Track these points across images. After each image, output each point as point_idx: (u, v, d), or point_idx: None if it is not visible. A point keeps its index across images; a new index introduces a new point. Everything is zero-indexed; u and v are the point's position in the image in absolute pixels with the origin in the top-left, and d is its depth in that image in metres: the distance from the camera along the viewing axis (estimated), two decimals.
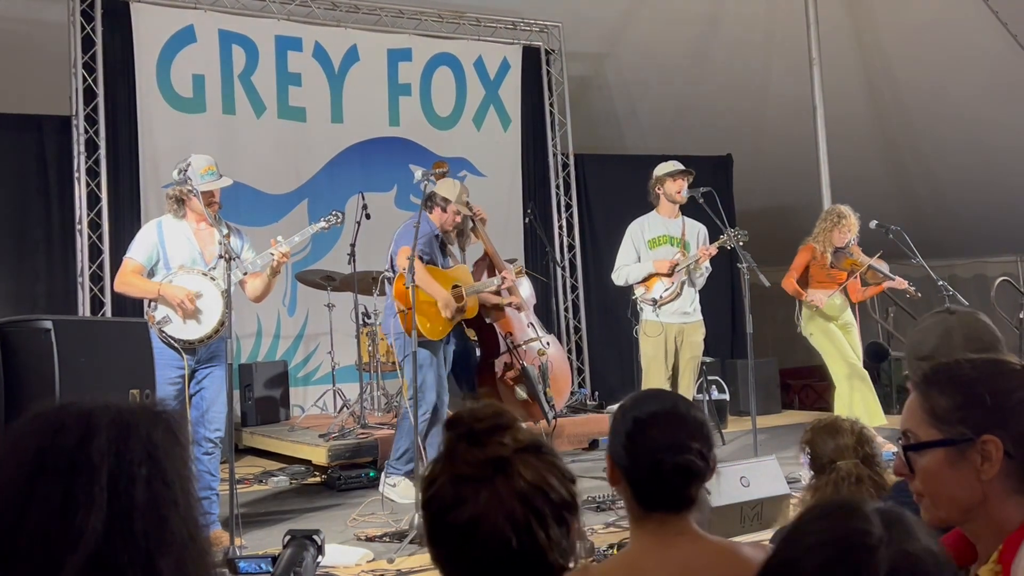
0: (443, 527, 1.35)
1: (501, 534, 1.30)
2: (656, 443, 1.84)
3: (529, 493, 1.32)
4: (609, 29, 10.14)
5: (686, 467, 1.81)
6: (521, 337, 6.64)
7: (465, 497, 1.32)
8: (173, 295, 4.66)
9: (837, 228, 6.67)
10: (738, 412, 8.77)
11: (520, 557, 1.30)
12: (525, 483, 1.32)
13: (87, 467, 0.95)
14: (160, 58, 8.12)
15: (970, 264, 12.31)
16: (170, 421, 1.04)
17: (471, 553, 1.32)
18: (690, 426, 1.86)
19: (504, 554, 1.30)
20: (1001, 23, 9.49)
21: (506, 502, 1.31)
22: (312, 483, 6.62)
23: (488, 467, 1.33)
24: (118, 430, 0.99)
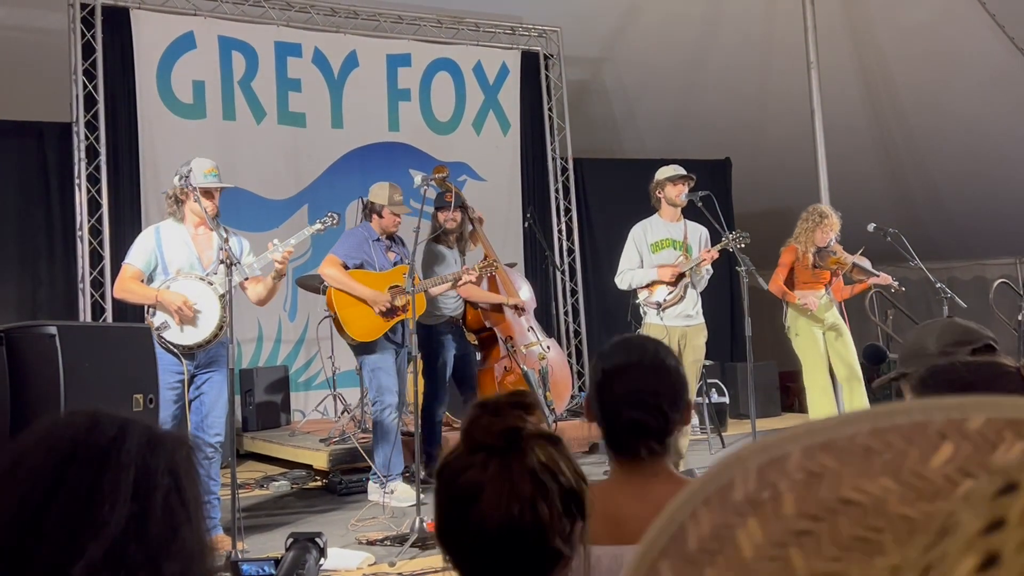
0: (450, 493, 1.36)
1: (505, 505, 1.30)
2: (616, 396, 1.90)
3: (539, 472, 1.32)
4: (607, 34, 10.17)
5: (638, 423, 1.85)
6: (521, 341, 6.66)
7: (474, 463, 1.33)
8: (170, 301, 4.68)
9: (820, 227, 6.71)
10: (738, 415, 8.79)
11: (521, 534, 1.31)
12: (537, 462, 1.33)
13: (116, 464, 1.00)
14: (160, 65, 8.14)
15: (969, 266, 12.33)
16: (192, 449, 1.11)
17: (472, 520, 1.32)
18: (654, 381, 1.90)
19: (505, 526, 1.30)
20: (998, 25, 9.52)
21: (515, 475, 1.32)
22: (313, 487, 6.63)
23: (502, 438, 1.33)
24: (147, 440, 1.04)
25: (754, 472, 0.38)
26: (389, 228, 5.97)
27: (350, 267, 5.83)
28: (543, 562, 1.33)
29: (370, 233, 5.97)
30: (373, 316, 5.72)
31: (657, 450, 1.88)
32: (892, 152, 11.14)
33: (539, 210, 9.51)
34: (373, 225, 5.98)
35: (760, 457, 0.39)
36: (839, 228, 6.79)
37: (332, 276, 5.81)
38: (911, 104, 10.51)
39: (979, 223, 11.33)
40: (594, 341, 9.97)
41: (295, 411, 8.41)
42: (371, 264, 5.88)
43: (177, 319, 4.69)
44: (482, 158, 9.53)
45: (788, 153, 10.35)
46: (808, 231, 6.74)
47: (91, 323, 7.21)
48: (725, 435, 7.90)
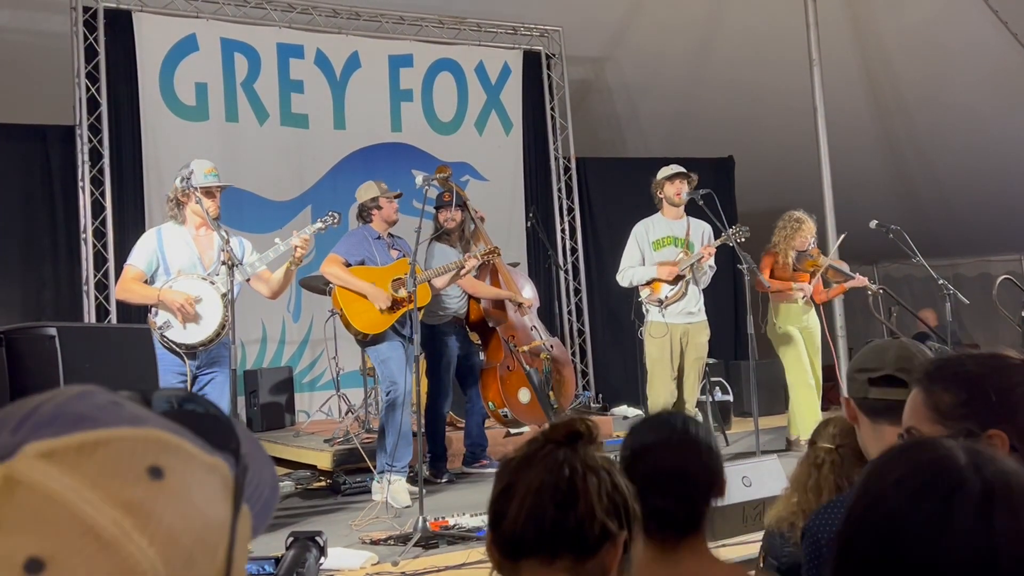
0: (505, 467, 1.48)
1: (556, 471, 1.41)
2: (642, 478, 1.81)
3: (592, 465, 1.44)
4: (609, 33, 10.17)
5: (662, 512, 1.81)
6: (524, 340, 6.66)
7: (531, 444, 1.48)
8: (172, 300, 4.69)
9: (798, 234, 6.91)
10: (742, 413, 8.78)
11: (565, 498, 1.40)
12: (591, 459, 1.44)
13: None
14: (163, 67, 8.16)
15: (974, 263, 12.32)
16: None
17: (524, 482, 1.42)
18: (681, 461, 1.86)
19: (549, 492, 1.40)
20: (1001, 21, 9.51)
21: (559, 462, 1.43)
22: (317, 487, 6.64)
23: (563, 437, 1.46)
24: None
25: None
26: (391, 216, 5.98)
27: (352, 264, 5.85)
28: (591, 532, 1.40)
29: (370, 232, 5.99)
30: (376, 309, 5.75)
31: (687, 533, 1.84)
32: (896, 149, 11.13)
33: (542, 210, 9.52)
34: (373, 225, 5.99)
35: None
36: (815, 232, 7.00)
37: (333, 273, 5.84)
38: (914, 100, 10.50)
39: (984, 219, 11.31)
40: (598, 340, 9.97)
41: (299, 412, 8.42)
42: (373, 261, 5.90)
43: (179, 318, 4.71)
44: (485, 158, 9.54)
45: (791, 151, 10.34)
46: (787, 239, 6.93)
47: (91, 324, 7.24)
48: (729, 433, 7.90)
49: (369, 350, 6.03)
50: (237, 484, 0.59)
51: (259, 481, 0.68)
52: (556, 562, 1.40)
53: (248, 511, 0.61)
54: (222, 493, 0.57)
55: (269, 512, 0.70)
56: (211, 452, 0.58)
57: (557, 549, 1.40)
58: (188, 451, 0.55)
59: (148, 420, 0.56)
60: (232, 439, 0.61)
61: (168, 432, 0.55)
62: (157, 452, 0.53)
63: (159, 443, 0.54)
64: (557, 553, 1.40)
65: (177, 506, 0.53)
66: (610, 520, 1.41)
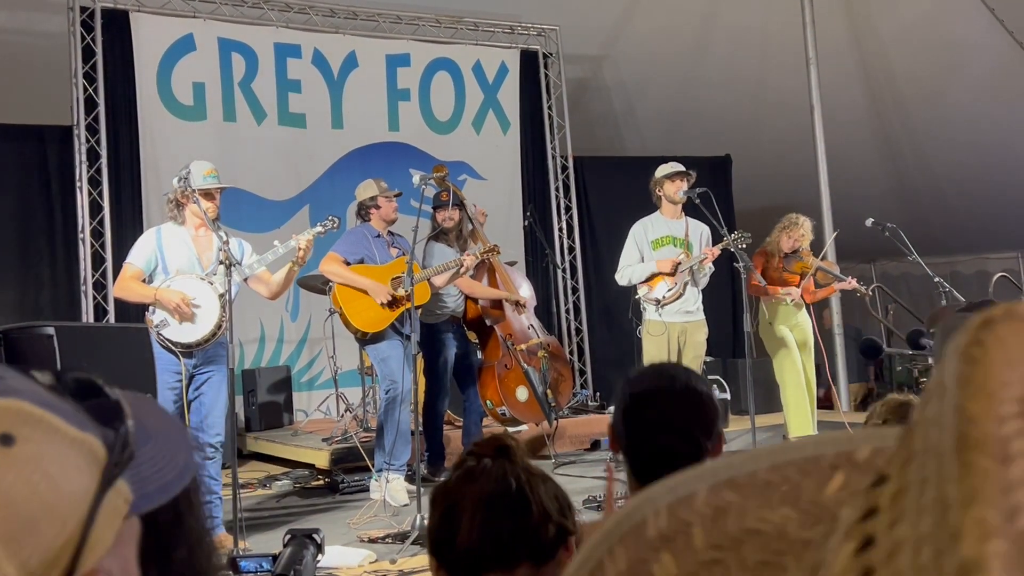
0: (441, 491, 1.48)
1: (503, 481, 1.41)
2: (646, 422, 1.86)
3: (535, 471, 1.45)
4: (606, 32, 10.18)
5: (670, 450, 1.81)
6: (522, 339, 6.68)
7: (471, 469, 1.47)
8: (169, 299, 4.71)
9: (785, 232, 7.02)
10: (739, 411, 8.79)
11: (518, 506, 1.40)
12: (532, 466, 1.47)
13: None
14: (160, 67, 8.17)
15: (972, 260, 12.33)
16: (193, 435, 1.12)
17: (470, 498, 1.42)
18: (686, 407, 1.86)
19: (501, 502, 1.40)
20: (997, 19, 9.52)
21: (495, 474, 1.43)
22: (315, 486, 6.65)
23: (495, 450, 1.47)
24: None
25: (665, 510, 0.42)
26: (390, 215, 6.00)
27: (351, 263, 5.87)
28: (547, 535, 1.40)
29: (370, 231, 6.00)
30: (377, 307, 5.76)
31: None
32: (893, 147, 11.15)
33: (539, 208, 9.52)
34: (372, 223, 6.01)
35: (669, 496, 0.42)
36: (811, 236, 7.09)
37: (333, 272, 5.86)
38: (911, 98, 10.52)
39: (981, 217, 11.33)
40: (595, 339, 9.99)
41: (298, 411, 8.43)
42: (372, 259, 5.91)
43: (176, 316, 4.72)
44: (482, 157, 9.55)
45: (788, 149, 10.36)
46: (776, 237, 7.07)
47: (88, 324, 7.24)
48: (726, 431, 7.89)
49: (368, 349, 6.04)
50: (110, 461, 0.60)
51: (158, 463, 0.70)
52: (516, 572, 1.39)
53: (126, 488, 0.63)
54: (87, 468, 0.58)
55: (166, 492, 0.71)
56: (84, 429, 0.59)
57: (516, 559, 1.39)
58: (51, 424, 0.57)
59: (20, 393, 0.57)
60: (117, 419, 0.63)
61: (35, 405, 0.57)
62: (13, 421, 0.55)
63: (19, 414, 0.55)
64: (517, 563, 1.39)
65: (22, 472, 0.54)
66: (564, 519, 1.42)
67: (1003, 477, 0.28)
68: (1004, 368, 0.30)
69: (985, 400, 0.30)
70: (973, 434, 0.30)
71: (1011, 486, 0.28)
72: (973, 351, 0.31)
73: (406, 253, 5.88)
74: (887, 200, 10.76)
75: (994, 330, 0.31)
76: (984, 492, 0.28)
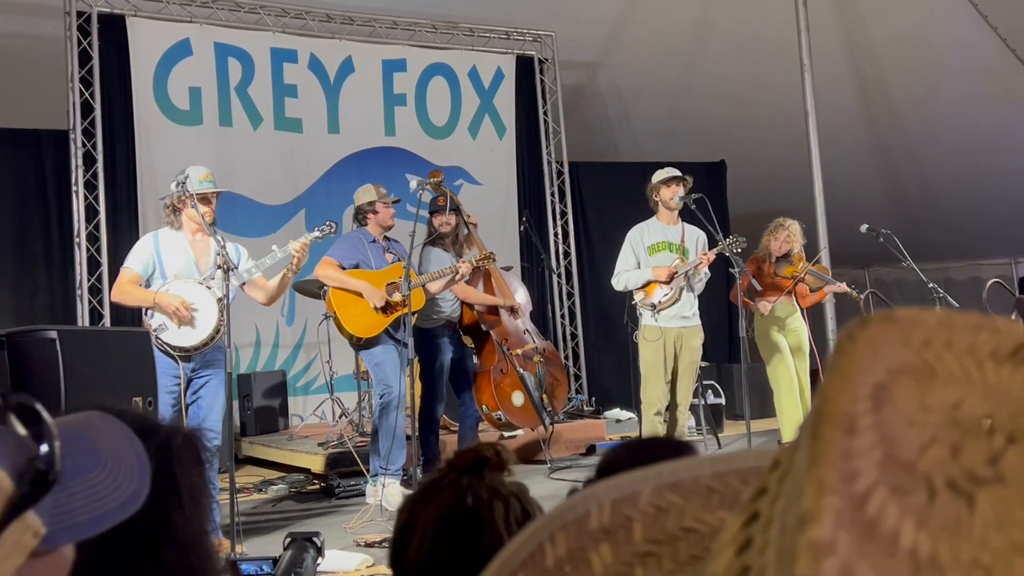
0: (407, 500, 1.43)
1: (459, 501, 1.36)
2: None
3: (499, 491, 1.38)
4: (601, 38, 10.21)
5: None
6: (517, 344, 6.69)
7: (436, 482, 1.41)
8: (168, 303, 4.72)
9: (772, 236, 7.08)
10: (734, 416, 8.81)
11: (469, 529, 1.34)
12: (498, 485, 1.39)
13: None
14: (156, 71, 8.18)
15: (965, 267, 12.39)
16: (195, 438, 1.12)
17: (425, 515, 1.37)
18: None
19: (453, 524, 1.35)
20: (991, 27, 9.57)
21: (470, 487, 1.38)
22: (311, 491, 6.65)
23: (469, 464, 1.41)
24: (138, 427, 1.05)
25: (608, 505, 0.44)
26: (387, 221, 5.97)
27: (346, 268, 5.87)
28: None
29: (366, 236, 5.99)
30: (372, 312, 5.75)
31: None
32: (887, 153, 11.19)
33: (535, 213, 9.54)
34: (369, 228, 6.01)
35: (614, 494, 0.45)
36: (801, 241, 7.13)
37: (328, 275, 5.87)
38: (905, 105, 10.57)
39: (974, 224, 11.38)
40: (591, 344, 10.01)
41: (293, 416, 8.43)
42: (368, 264, 5.91)
43: (175, 320, 4.73)
44: (478, 162, 9.57)
45: (783, 155, 10.39)
46: (765, 243, 7.12)
47: (90, 327, 7.24)
48: (721, 436, 7.93)
49: (363, 354, 6.04)
50: (16, 493, 0.59)
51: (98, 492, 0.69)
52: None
53: (37, 521, 0.62)
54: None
55: (101, 523, 0.70)
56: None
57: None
58: None
59: None
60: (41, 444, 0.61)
61: None
62: None
63: None
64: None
65: None
66: None
67: (846, 445, 0.32)
68: (867, 357, 0.34)
69: (842, 382, 0.34)
70: (826, 410, 0.33)
71: (852, 453, 0.32)
72: (844, 344, 0.35)
73: (402, 259, 5.89)
74: (881, 206, 10.81)
75: (867, 328, 0.35)
76: (826, 456, 0.32)
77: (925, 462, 0.32)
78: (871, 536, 0.30)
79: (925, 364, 0.34)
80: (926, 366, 0.34)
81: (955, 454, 0.32)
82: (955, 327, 0.35)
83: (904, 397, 0.33)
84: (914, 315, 0.36)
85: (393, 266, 5.90)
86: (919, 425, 0.32)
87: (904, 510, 0.31)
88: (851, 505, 0.31)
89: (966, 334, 0.35)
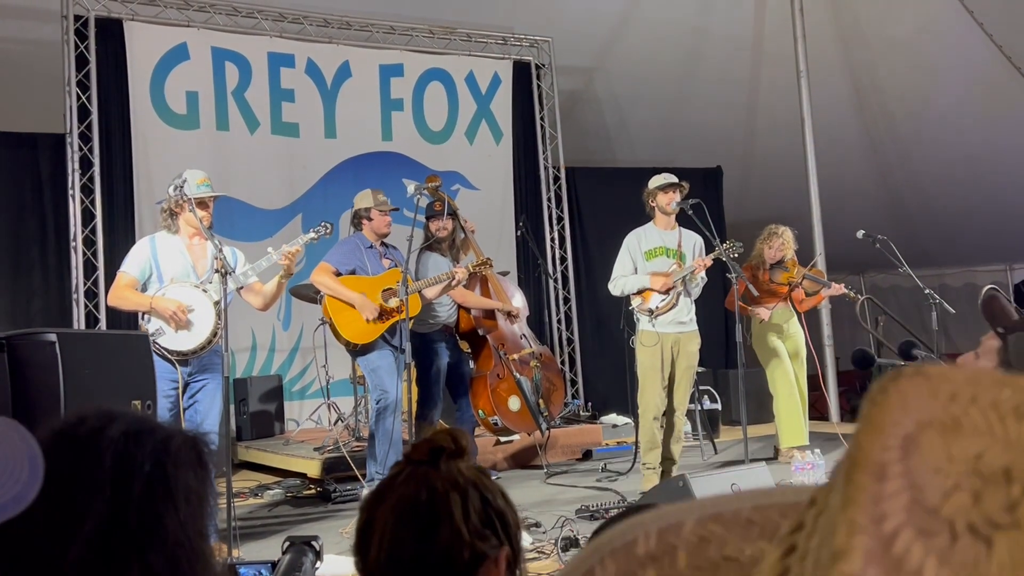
0: (366, 499, 1.40)
1: (414, 496, 1.32)
2: None
3: (456, 481, 1.34)
4: (598, 44, 10.23)
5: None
6: (514, 349, 6.69)
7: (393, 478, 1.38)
8: (165, 307, 4.72)
9: (766, 243, 7.12)
10: (731, 421, 8.82)
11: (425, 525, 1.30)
12: (454, 475, 1.34)
13: (94, 454, 1.02)
14: (153, 75, 8.18)
15: (960, 273, 12.41)
16: (197, 441, 1.11)
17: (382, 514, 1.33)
18: None
19: (408, 521, 1.31)
20: (986, 34, 9.60)
21: (419, 484, 1.33)
22: (307, 495, 6.65)
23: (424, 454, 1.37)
24: (132, 429, 1.05)
25: (655, 534, 0.48)
26: (381, 229, 5.96)
27: (343, 273, 5.87)
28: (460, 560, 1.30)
29: (363, 241, 6.00)
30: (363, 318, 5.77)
31: None
32: (882, 160, 11.22)
33: (532, 219, 9.55)
34: (365, 233, 6.01)
35: (660, 523, 0.49)
36: (794, 246, 7.16)
37: (322, 283, 5.87)
38: (901, 112, 10.59)
39: (970, 230, 11.41)
40: (587, 349, 10.01)
41: (289, 420, 8.43)
42: (364, 270, 5.91)
43: (172, 324, 4.73)
44: (475, 167, 9.57)
45: (779, 161, 10.42)
46: (759, 249, 7.15)
47: (89, 331, 7.23)
48: (718, 441, 7.94)
49: (359, 359, 6.05)
50: None
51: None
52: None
53: None
54: None
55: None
56: None
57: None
58: None
59: None
60: None
61: None
62: None
63: None
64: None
65: None
66: (482, 541, 1.30)
67: (876, 490, 0.35)
68: (898, 411, 0.37)
69: (874, 432, 0.37)
70: (858, 457, 0.37)
71: (882, 497, 0.35)
72: (877, 396, 0.38)
73: (399, 264, 5.89)
74: (876, 212, 10.83)
75: (899, 382, 0.38)
76: (858, 499, 0.35)
77: (948, 507, 0.35)
78: (897, 572, 0.33)
79: (951, 417, 0.37)
80: (952, 419, 0.37)
81: (976, 501, 0.35)
82: (981, 383, 0.38)
83: (931, 447, 0.36)
84: (943, 371, 0.39)
85: (389, 272, 5.90)
86: (944, 473, 0.36)
87: (928, 550, 0.34)
88: (880, 544, 0.34)
89: (991, 390, 0.38)
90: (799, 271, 7.12)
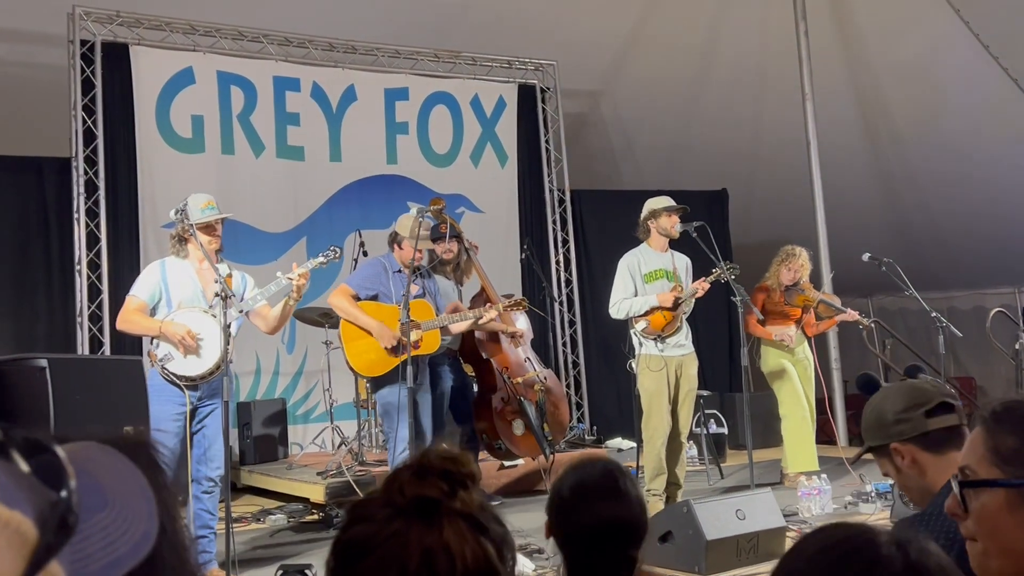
0: (343, 536, 1.17)
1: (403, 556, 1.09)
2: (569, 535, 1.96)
3: (439, 554, 1.08)
4: (603, 67, 10.25)
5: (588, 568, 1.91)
6: (518, 372, 6.65)
7: (370, 516, 1.13)
8: (174, 332, 4.69)
9: (784, 265, 7.04)
10: (737, 445, 8.73)
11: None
12: (441, 543, 1.09)
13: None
14: (159, 100, 8.20)
15: (969, 296, 12.33)
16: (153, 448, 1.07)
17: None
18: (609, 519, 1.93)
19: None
20: (992, 56, 9.59)
21: (410, 548, 1.08)
22: (310, 521, 6.60)
23: (412, 504, 1.11)
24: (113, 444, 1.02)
25: None
26: (405, 260, 5.71)
27: (362, 298, 5.72)
28: None
29: (391, 264, 5.85)
30: (379, 350, 5.58)
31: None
32: (889, 182, 11.19)
33: (536, 241, 9.53)
34: (395, 256, 5.88)
35: None
36: (809, 268, 7.12)
37: (339, 306, 5.73)
38: (907, 134, 10.57)
39: (978, 252, 11.35)
40: (592, 372, 9.96)
41: (293, 444, 8.38)
42: (387, 296, 5.72)
43: (181, 350, 4.71)
44: (480, 190, 9.57)
45: (785, 184, 10.40)
46: (776, 271, 7.07)
47: (82, 356, 7.21)
48: (724, 466, 7.87)
49: (375, 394, 5.94)
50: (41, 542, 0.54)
51: (111, 534, 0.63)
52: None
53: (60, 571, 0.57)
54: (10, 550, 0.53)
55: (115, 569, 0.64)
56: (14, 504, 0.53)
57: None
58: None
59: None
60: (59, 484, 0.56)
61: None
62: None
63: None
64: None
65: None
66: None
67: None
68: None
69: None
70: None
71: None
72: None
73: (428, 292, 5.80)
74: (884, 235, 10.79)
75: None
76: None
77: None
78: None
79: None
80: None
81: None
82: None
83: None
84: None
85: (414, 302, 5.61)
86: None
87: None
88: None
89: None
90: (815, 294, 7.06)
